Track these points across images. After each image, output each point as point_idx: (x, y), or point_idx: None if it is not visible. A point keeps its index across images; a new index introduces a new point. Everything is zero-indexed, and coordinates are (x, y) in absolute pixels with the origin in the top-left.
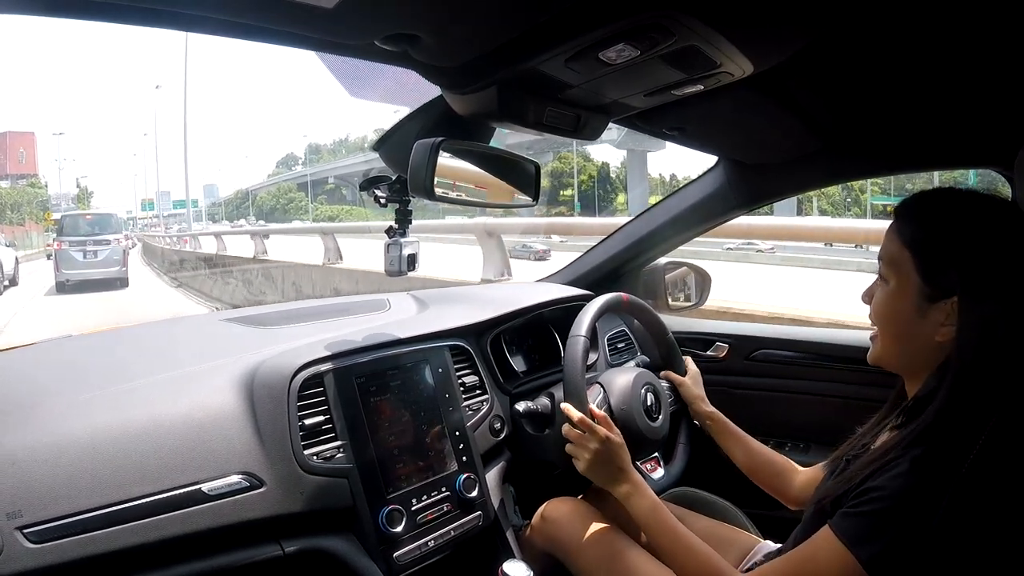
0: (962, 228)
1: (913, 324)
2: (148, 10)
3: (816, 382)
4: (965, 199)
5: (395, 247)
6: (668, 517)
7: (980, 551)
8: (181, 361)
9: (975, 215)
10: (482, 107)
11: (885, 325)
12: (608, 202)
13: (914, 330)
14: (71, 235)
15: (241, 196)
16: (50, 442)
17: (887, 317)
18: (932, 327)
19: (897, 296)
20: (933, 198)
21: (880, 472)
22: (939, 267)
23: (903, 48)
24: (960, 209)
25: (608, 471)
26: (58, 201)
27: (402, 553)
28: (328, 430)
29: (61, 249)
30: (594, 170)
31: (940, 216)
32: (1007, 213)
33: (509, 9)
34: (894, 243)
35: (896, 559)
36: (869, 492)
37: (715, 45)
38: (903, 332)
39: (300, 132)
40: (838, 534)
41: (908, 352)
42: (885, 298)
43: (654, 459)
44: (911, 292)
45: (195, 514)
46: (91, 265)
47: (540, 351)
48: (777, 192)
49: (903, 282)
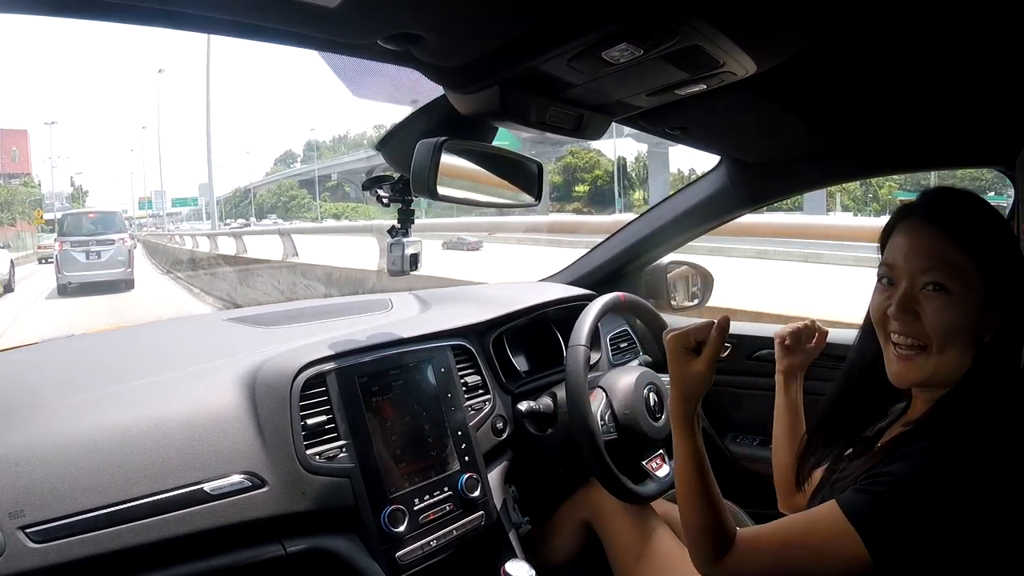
0: (1006, 233)
1: (976, 332)
2: (151, 10)
3: (819, 382)
4: (983, 202)
5: (397, 247)
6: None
7: (985, 542)
8: (183, 361)
9: (1001, 218)
10: (485, 107)
11: (950, 339)
12: (624, 197)
13: (974, 338)
14: (73, 235)
15: (240, 194)
16: (52, 442)
17: (955, 330)
18: (985, 331)
19: (963, 305)
20: (967, 200)
21: (891, 460)
22: (1003, 273)
23: (906, 47)
24: (990, 212)
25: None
26: (51, 200)
27: (404, 553)
28: (330, 430)
29: (63, 250)
30: (609, 165)
31: (986, 219)
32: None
33: (511, 9)
34: (949, 248)
35: (898, 542)
36: (879, 476)
37: (718, 45)
38: (966, 343)
39: (306, 127)
40: (844, 507)
41: (964, 364)
42: (949, 310)
43: (659, 456)
44: (977, 299)
45: (197, 514)
46: (94, 267)
47: (542, 351)
48: (779, 191)
49: (968, 290)
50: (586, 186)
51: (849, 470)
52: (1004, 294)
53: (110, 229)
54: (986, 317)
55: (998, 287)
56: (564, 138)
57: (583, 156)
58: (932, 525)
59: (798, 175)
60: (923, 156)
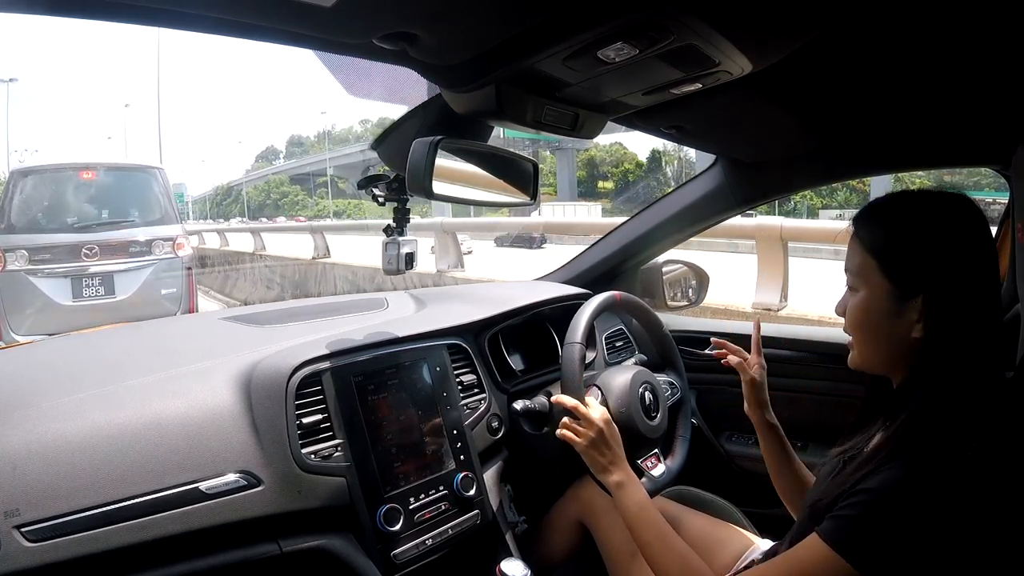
0: (919, 226)
1: (887, 326)
2: (147, 9)
3: (815, 381)
4: (919, 199)
5: (393, 246)
6: (655, 514)
7: (972, 552)
8: (179, 360)
9: (930, 212)
10: (480, 106)
11: (861, 332)
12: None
13: (890, 332)
14: (38, 230)
15: (223, 192)
16: (48, 441)
17: (862, 324)
18: (907, 326)
19: (868, 302)
20: (887, 203)
21: (872, 474)
22: (903, 266)
23: (901, 47)
24: (915, 208)
25: (604, 458)
26: None
27: (400, 551)
28: (326, 429)
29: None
30: (636, 157)
31: (897, 218)
32: (961, 207)
33: (507, 8)
34: (857, 252)
35: (886, 561)
36: (860, 495)
37: (714, 44)
38: (879, 335)
39: (288, 122)
40: (826, 539)
41: (886, 353)
42: (857, 306)
43: (654, 455)
44: (881, 296)
45: (193, 513)
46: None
47: (538, 350)
48: (775, 190)
49: (872, 288)
50: (612, 182)
51: (842, 476)
52: (913, 288)
53: (136, 212)
54: (902, 312)
55: (903, 282)
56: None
57: (609, 150)
58: (917, 536)
59: (794, 174)
60: (918, 155)
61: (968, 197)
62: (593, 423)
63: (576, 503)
